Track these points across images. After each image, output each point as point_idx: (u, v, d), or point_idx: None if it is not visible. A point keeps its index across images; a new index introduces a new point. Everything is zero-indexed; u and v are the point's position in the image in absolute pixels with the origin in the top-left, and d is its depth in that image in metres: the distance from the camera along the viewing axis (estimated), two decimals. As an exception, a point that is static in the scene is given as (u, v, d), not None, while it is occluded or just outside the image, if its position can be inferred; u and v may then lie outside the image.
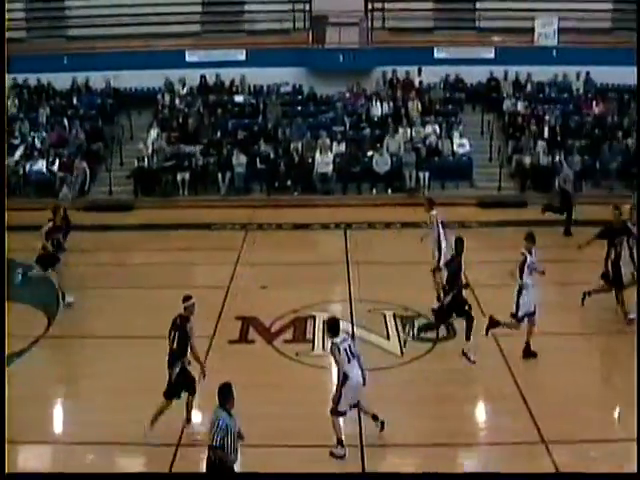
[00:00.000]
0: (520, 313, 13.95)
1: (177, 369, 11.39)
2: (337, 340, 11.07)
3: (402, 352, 14.46)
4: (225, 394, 9.22)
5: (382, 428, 11.62)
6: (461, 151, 25.38)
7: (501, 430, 12.15)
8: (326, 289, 17.48)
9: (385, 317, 15.77)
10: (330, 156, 24.60)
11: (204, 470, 9.43)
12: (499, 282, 17.92)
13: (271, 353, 14.52)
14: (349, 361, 11.03)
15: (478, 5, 29.85)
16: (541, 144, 25.19)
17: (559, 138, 25.98)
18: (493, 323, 14.28)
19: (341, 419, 11.20)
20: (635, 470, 10.10)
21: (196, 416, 11.86)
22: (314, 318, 15.69)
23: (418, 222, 22.00)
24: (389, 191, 24.54)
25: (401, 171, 24.39)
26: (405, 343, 14.76)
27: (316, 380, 13.52)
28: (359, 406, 11.51)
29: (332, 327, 11.28)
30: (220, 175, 24.99)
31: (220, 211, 23.73)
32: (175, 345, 11.38)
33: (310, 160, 24.81)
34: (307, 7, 29.08)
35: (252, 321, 15.62)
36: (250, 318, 15.73)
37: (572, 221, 21.20)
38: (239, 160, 24.83)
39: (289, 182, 24.56)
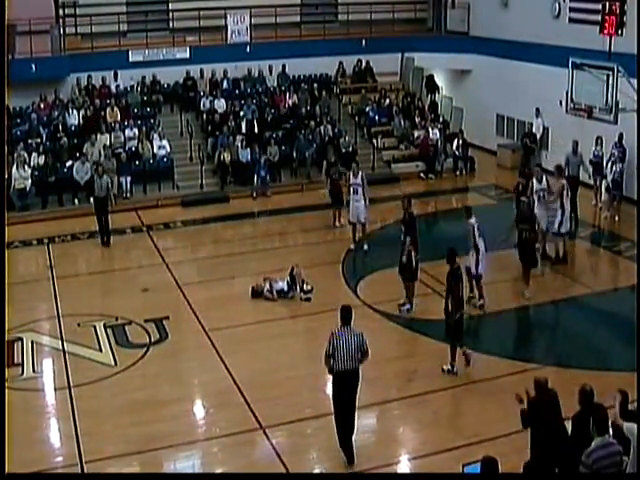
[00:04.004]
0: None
1: None
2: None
3: (116, 361, 14.31)
4: (350, 312, 11.08)
5: None
6: (162, 153, 25.26)
7: (219, 423, 12.44)
8: (32, 308, 16.72)
9: (96, 329, 15.48)
10: (28, 170, 23.62)
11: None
12: (206, 279, 18.46)
13: (-23, 384, 13.80)
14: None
15: (171, 6, 29.92)
16: (239, 139, 25.72)
17: (256, 131, 26.70)
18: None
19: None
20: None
21: None
22: (21, 340, 15.07)
23: (123, 229, 22.03)
24: (91, 200, 23.87)
25: (103, 179, 23.86)
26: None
27: (29, 404, 13.03)
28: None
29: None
30: None
31: None
32: None
33: (7, 176, 23.66)
34: (-6, 17, 27.65)
35: (-47, 354, 14.73)
36: (-50, 351, 14.81)
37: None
38: None
39: (-17, 203, 23.22)
